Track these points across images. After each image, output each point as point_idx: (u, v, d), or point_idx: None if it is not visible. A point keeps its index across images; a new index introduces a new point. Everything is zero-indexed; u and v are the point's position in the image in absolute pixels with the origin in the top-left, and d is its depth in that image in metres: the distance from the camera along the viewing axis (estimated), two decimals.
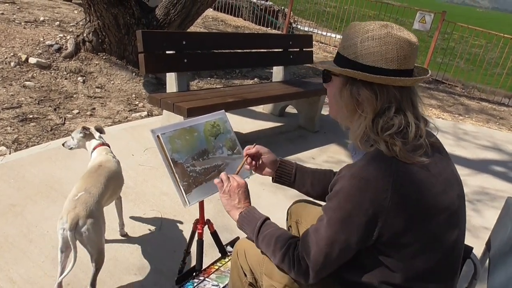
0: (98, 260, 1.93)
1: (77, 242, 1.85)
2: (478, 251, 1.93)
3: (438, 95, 8.16)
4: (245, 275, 1.51)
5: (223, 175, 1.58)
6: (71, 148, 2.39)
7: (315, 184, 1.73)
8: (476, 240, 3.12)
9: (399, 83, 1.22)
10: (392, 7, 10.27)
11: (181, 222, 2.77)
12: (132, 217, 2.72)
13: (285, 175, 1.77)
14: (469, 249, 1.65)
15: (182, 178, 1.76)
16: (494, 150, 5.41)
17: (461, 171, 4.39)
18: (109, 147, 2.36)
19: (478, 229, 3.32)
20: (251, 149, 1.74)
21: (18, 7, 6.68)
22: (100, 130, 2.41)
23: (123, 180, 2.35)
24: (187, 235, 2.64)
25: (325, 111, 5.28)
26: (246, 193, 1.55)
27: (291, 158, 3.98)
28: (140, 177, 3.22)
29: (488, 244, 1.63)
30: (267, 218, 1.47)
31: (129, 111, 4.55)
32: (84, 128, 2.34)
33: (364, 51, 1.23)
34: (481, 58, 10.05)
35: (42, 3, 7.49)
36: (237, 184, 1.54)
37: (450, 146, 5.24)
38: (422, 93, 7.83)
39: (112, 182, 2.14)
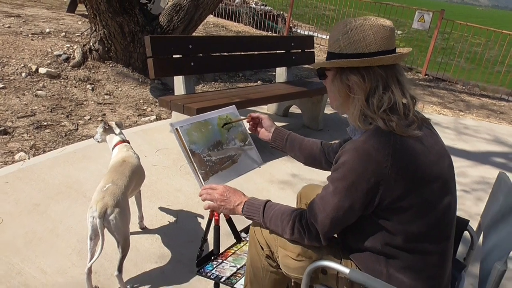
0: (124, 246, 2.08)
1: (105, 230, 2.00)
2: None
3: (439, 92, 8.30)
4: (262, 248, 1.65)
5: (203, 193, 1.73)
6: (98, 141, 2.59)
7: (302, 150, 1.99)
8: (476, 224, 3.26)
9: (381, 62, 1.37)
10: (391, 7, 10.41)
11: (195, 216, 2.92)
12: (149, 212, 2.87)
13: (278, 140, 2.02)
14: (465, 222, 1.80)
15: (199, 166, 1.90)
16: (494, 143, 5.54)
17: (462, 163, 4.55)
18: (129, 143, 2.52)
19: (479, 215, 3.44)
20: (255, 114, 2.08)
21: (23, 20, 6.86)
22: (119, 125, 2.57)
23: (145, 174, 2.50)
24: (202, 226, 2.79)
25: (328, 110, 5.43)
26: (234, 191, 1.70)
27: None
28: (154, 176, 3.37)
29: (483, 216, 1.77)
30: (267, 202, 1.61)
31: (138, 115, 4.71)
32: (104, 122, 2.52)
33: (346, 42, 1.40)
34: (481, 57, 10.17)
35: (46, 15, 7.67)
36: (221, 190, 1.70)
37: (452, 140, 5.37)
38: (422, 91, 8.01)
39: (135, 176, 2.29)
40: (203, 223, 2.82)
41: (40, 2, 9.14)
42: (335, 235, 1.57)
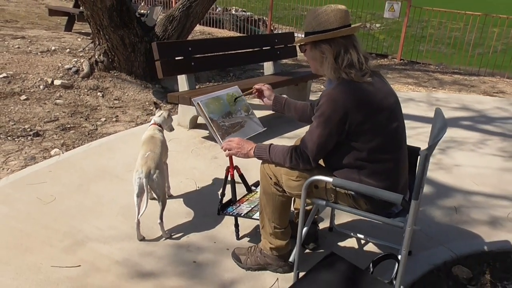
0: (163, 199, 2.70)
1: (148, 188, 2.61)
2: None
3: (414, 74, 8.95)
4: (271, 178, 2.27)
5: (225, 145, 2.38)
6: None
7: (296, 110, 2.65)
8: (449, 175, 3.92)
9: (341, 34, 2.01)
10: (364, 0, 11.09)
11: (210, 184, 3.53)
12: (173, 184, 3.46)
13: (278, 105, 2.70)
14: (417, 149, 2.43)
15: (217, 130, 2.53)
16: (462, 110, 6.22)
17: None
18: (160, 126, 3.12)
19: (450, 166, 4.12)
20: (258, 85, 2.75)
21: (29, 40, 7.44)
22: (163, 114, 3.19)
23: (168, 147, 3.12)
24: (217, 192, 3.41)
25: (313, 96, 6.07)
26: (246, 141, 2.36)
27: (290, 135, 4.78)
28: (171, 159, 3.94)
29: (429, 142, 2.40)
30: (271, 144, 2.27)
31: (147, 115, 5.32)
32: (154, 103, 3.27)
33: (316, 23, 2.04)
34: (461, 41, 10.77)
35: (47, 35, 8.25)
36: (237, 140, 2.36)
37: (424, 111, 6.02)
38: (398, 74, 8.68)
39: (163, 147, 2.93)
40: (218, 189, 3.44)
41: (37, 24, 9.73)
42: (321, 163, 2.20)
